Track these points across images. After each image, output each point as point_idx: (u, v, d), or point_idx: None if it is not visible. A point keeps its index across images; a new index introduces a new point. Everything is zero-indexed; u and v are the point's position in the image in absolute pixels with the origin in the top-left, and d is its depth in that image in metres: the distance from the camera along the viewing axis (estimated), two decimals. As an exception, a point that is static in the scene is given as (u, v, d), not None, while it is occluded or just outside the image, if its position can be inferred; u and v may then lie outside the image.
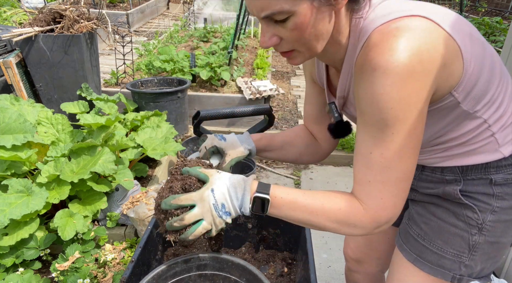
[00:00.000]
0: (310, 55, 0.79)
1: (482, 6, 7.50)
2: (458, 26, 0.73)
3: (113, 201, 2.14)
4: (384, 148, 0.71)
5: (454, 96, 0.76)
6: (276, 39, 0.75)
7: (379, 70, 0.67)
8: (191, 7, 7.17)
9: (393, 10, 0.72)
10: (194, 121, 1.34)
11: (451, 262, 0.91)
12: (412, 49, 0.66)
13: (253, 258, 1.55)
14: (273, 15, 0.69)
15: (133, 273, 1.07)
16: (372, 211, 0.75)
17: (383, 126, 0.70)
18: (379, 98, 0.68)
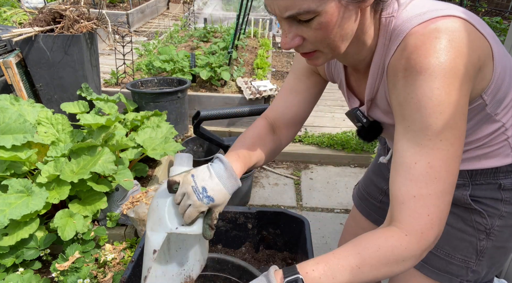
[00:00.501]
0: (333, 56, 0.75)
1: (482, 6, 7.51)
2: (485, 27, 0.71)
3: (113, 201, 2.14)
4: (432, 156, 0.66)
5: (483, 98, 0.73)
6: (299, 39, 0.70)
7: (425, 73, 0.63)
8: (191, 7, 7.17)
9: (427, 9, 0.68)
10: (194, 121, 1.34)
11: (459, 268, 0.90)
12: (456, 51, 0.63)
13: (253, 258, 1.55)
14: (299, 14, 0.65)
15: (133, 273, 1.07)
16: (418, 233, 0.67)
17: (432, 133, 0.65)
18: (427, 102, 0.64)
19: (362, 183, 1.31)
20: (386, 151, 1.12)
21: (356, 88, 0.91)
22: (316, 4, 0.63)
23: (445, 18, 0.66)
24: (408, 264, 0.69)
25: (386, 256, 0.68)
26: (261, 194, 2.80)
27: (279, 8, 0.66)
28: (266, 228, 1.54)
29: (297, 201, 2.73)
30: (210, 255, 1.06)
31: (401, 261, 0.68)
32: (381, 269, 0.69)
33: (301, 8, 0.63)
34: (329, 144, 3.27)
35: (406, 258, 0.68)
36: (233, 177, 0.85)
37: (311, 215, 2.57)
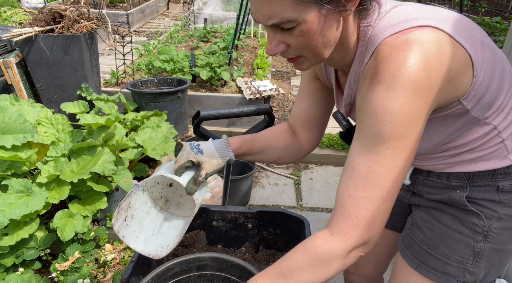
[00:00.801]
0: (317, 61, 0.78)
1: (482, 6, 7.50)
2: (469, 34, 0.71)
3: (113, 201, 2.14)
4: (375, 161, 0.68)
5: (463, 104, 0.74)
6: (283, 46, 0.74)
7: (384, 83, 0.66)
8: (191, 7, 7.17)
9: (402, 19, 0.70)
10: (194, 121, 1.33)
11: (456, 269, 0.90)
12: (420, 64, 0.64)
13: (253, 258, 1.55)
14: (281, 23, 0.68)
15: (133, 273, 1.07)
16: (342, 232, 0.69)
17: (378, 139, 0.67)
18: (379, 109, 0.66)
19: None
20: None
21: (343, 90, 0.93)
22: (297, 14, 0.66)
23: (418, 29, 0.67)
24: (336, 266, 0.70)
25: (311, 258, 0.70)
26: (261, 194, 2.80)
27: (263, 17, 0.69)
28: (266, 228, 1.54)
29: (297, 201, 2.73)
30: (210, 255, 1.06)
31: (326, 261, 0.70)
32: (310, 272, 0.70)
33: (283, 18, 0.67)
34: (329, 143, 3.27)
35: (331, 258, 0.70)
36: (225, 144, 0.96)
37: (311, 215, 2.57)
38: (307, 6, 0.66)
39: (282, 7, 0.65)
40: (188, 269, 1.05)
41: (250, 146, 1.02)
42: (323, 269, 0.70)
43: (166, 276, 1.01)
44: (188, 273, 1.05)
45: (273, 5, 0.66)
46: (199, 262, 1.05)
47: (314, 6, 0.66)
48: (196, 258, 1.05)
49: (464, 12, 3.22)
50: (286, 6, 0.65)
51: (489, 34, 4.97)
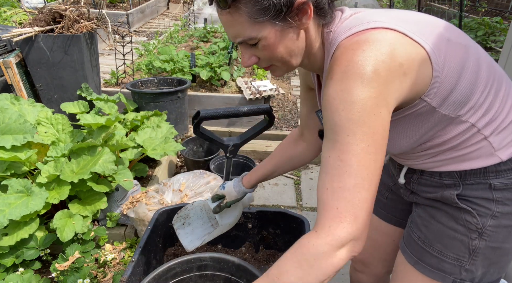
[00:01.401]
0: (287, 68, 0.87)
1: (482, 6, 7.50)
2: (430, 32, 0.75)
3: (113, 201, 2.14)
4: (341, 150, 0.70)
5: (426, 101, 0.77)
6: (255, 58, 0.84)
7: (335, 79, 0.71)
8: (191, 7, 7.16)
9: (357, 23, 0.76)
10: (194, 121, 1.33)
11: (451, 266, 0.91)
12: (367, 59, 0.69)
13: (253, 258, 1.55)
14: (245, 41, 0.79)
15: (133, 273, 1.07)
16: (325, 227, 0.68)
17: (339, 129, 0.70)
18: (332, 101, 0.71)
19: None
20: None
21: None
22: (255, 33, 0.77)
23: (369, 30, 0.73)
24: (324, 265, 0.68)
25: (297, 258, 0.70)
26: (261, 194, 2.80)
27: (231, 36, 0.81)
28: (266, 228, 1.54)
29: (297, 201, 2.73)
30: (210, 255, 1.06)
31: (313, 261, 0.68)
32: (298, 275, 0.69)
33: (245, 36, 0.78)
34: (329, 143, 3.27)
35: (317, 257, 0.68)
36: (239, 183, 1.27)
37: (311, 215, 2.57)
38: (262, 25, 0.76)
39: (242, 28, 0.77)
40: (189, 269, 1.05)
41: (261, 175, 1.25)
42: (311, 270, 0.69)
43: (167, 276, 1.01)
44: (188, 273, 1.05)
45: (235, 27, 0.77)
46: (200, 262, 1.05)
47: (268, 24, 0.76)
48: (196, 258, 1.05)
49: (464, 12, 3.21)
50: (245, 27, 0.76)
51: (489, 34, 4.96)
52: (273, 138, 3.41)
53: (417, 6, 4.85)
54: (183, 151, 2.91)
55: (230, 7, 0.75)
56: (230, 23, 0.78)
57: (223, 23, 0.80)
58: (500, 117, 0.82)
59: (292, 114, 3.87)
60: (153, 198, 2.08)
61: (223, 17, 0.78)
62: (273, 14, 0.74)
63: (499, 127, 0.82)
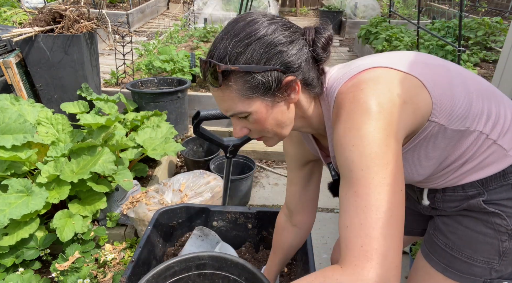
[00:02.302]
0: (279, 138, 0.90)
1: (482, 6, 7.50)
2: (410, 62, 0.81)
3: (113, 201, 2.14)
4: (357, 185, 0.67)
5: (435, 121, 0.79)
6: (246, 130, 0.87)
7: (341, 120, 0.74)
8: (191, 7, 7.17)
9: (347, 70, 0.82)
10: (194, 121, 1.33)
11: (482, 269, 0.91)
12: (368, 96, 0.72)
13: (253, 258, 1.55)
14: (235, 115, 0.83)
15: (133, 273, 1.07)
16: (351, 265, 0.63)
17: (351, 164, 0.70)
18: (342, 140, 0.72)
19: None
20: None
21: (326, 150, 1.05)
22: (245, 107, 0.80)
23: (362, 72, 0.79)
24: None
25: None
26: (261, 194, 2.80)
27: (223, 110, 0.84)
28: (266, 228, 1.54)
29: (297, 201, 2.73)
30: (209, 253, 1.06)
31: None
32: None
33: (236, 111, 0.81)
34: (329, 143, 3.27)
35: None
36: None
37: (311, 215, 2.57)
38: (252, 100, 0.79)
39: (232, 103, 0.80)
40: (188, 268, 1.05)
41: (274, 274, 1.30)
42: None
43: (166, 274, 1.01)
44: (187, 272, 1.05)
45: (226, 101, 0.81)
46: (199, 261, 1.05)
47: (258, 99, 0.79)
48: (195, 257, 1.05)
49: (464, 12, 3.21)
50: (235, 102, 0.80)
51: (489, 34, 4.96)
52: (273, 138, 3.41)
53: (417, 6, 4.85)
54: (183, 151, 2.91)
55: (221, 86, 0.79)
56: (221, 99, 0.82)
57: (215, 97, 0.84)
58: (501, 120, 0.84)
59: (292, 114, 3.87)
60: (153, 198, 2.08)
61: (215, 93, 0.83)
62: (262, 91, 0.78)
63: (503, 129, 0.84)
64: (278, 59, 0.77)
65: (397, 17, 6.25)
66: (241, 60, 0.76)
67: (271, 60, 0.77)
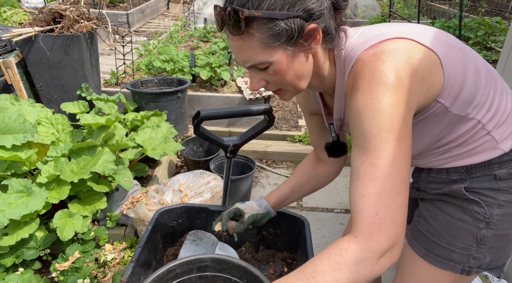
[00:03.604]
0: (296, 91, 0.89)
1: (482, 6, 7.50)
2: (434, 38, 0.80)
3: (113, 201, 2.14)
4: (374, 156, 0.72)
5: (441, 102, 0.81)
6: (263, 82, 0.86)
7: (361, 89, 0.74)
8: (191, 7, 7.16)
9: (368, 37, 0.81)
10: (194, 121, 1.33)
11: (460, 255, 0.94)
12: (388, 68, 0.73)
13: (253, 258, 1.55)
14: (255, 65, 0.81)
15: (133, 273, 1.07)
16: (366, 233, 0.69)
17: (370, 136, 0.72)
18: (361, 111, 0.74)
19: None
20: None
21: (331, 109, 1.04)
22: (267, 57, 0.78)
23: (383, 42, 0.77)
24: (362, 270, 0.68)
25: (336, 261, 0.69)
26: (261, 194, 2.80)
27: (241, 61, 0.82)
28: (266, 228, 1.54)
29: (297, 201, 2.73)
30: (211, 256, 1.06)
31: (352, 265, 0.69)
32: (335, 276, 0.69)
33: (256, 61, 0.80)
34: (329, 144, 3.27)
35: (356, 261, 0.69)
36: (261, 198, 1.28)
37: (311, 215, 2.57)
38: (274, 50, 0.78)
39: (253, 52, 0.78)
40: (189, 270, 1.05)
41: (281, 195, 1.25)
42: (348, 273, 0.69)
43: (167, 277, 1.01)
44: (189, 274, 1.05)
45: (246, 51, 0.79)
46: (200, 263, 1.05)
47: (279, 49, 0.78)
48: (197, 259, 1.04)
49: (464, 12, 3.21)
50: (256, 51, 0.78)
51: (489, 34, 4.97)
52: (273, 138, 3.41)
53: (417, 6, 4.85)
54: (183, 151, 2.91)
55: (243, 33, 0.75)
56: (241, 48, 0.79)
57: (233, 48, 0.81)
58: (500, 112, 0.86)
59: (292, 114, 3.87)
60: (153, 198, 2.08)
61: (234, 42, 0.79)
62: (285, 39, 0.76)
63: (499, 122, 0.86)
64: (301, 5, 0.75)
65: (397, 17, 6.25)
66: (264, 6, 0.74)
67: (294, 6, 0.75)
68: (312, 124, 1.18)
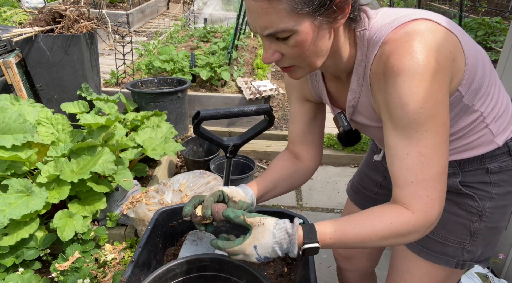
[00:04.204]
0: (309, 70, 0.82)
1: (482, 6, 7.49)
2: (452, 23, 0.78)
3: (113, 201, 2.14)
4: (421, 146, 0.73)
5: (459, 90, 0.79)
6: (278, 55, 0.78)
7: (402, 74, 0.71)
8: (191, 7, 7.17)
9: (394, 17, 0.76)
10: (194, 121, 1.33)
11: (454, 249, 0.95)
12: (426, 49, 0.70)
13: (253, 258, 1.55)
14: (276, 33, 0.72)
15: (133, 273, 1.07)
16: (422, 212, 0.75)
17: (417, 126, 0.72)
18: (408, 100, 0.71)
19: (357, 177, 1.35)
20: (379, 149, 1.17)
21: (338, 99, 0.98)
22: (292, 24, 0.70)
23: (411, 22, 0.74)
24: (412, 238, 0.78)
25: (397, 230, 0.76)
26: (261, 194, 2.79)
27: (259, 27, 0.73)
28: (266, 228, 1.54)
29: (297, 201, 2.73)
30: (210, 255, 1.06)
31: (407, 234, 0.77)
32: (389, 240, 0.78)
33: (278, 27, 0.71)
34: (329, 144, 3.27)
35: (412, 232, 0.77)
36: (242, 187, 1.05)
37: (311, 215, 2.57)
38: (301, 17, 0.70)
39: (278, 17, 0.69)
40: (189, 270, 1.05)
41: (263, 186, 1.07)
42: (401, 239, 0.78)
43: (167, 277, 1.01)
44: (188, 274, 1.05)
45: (270, 15, 0.69)
46: (200, 263, 1.05)
47: (307, 18, 0.70)
48: (196, 259, 1.04)
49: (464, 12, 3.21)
50: (281, 16, 0.69)
51: (489, 34, 4.97)
52: (273, 138, 3.41)
53: (417, 6, 4.85)
54: (183, 151, 2.91)
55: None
56: (265, 11, 0.69)
57: (252, 11, 0.71)
58: (498, 105, 0.87)
59: (292, 114, 3.87)
60: (153, 198, 2.08)
61: (257, 3, 0.69)
62: (315, 7, 0.69)
63: (497, 115, 0.87)
64: None
65: (397, 17, 6.24)
66: None
67: None
68: (301, 113, 1.07)
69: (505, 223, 0.96)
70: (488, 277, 1.75)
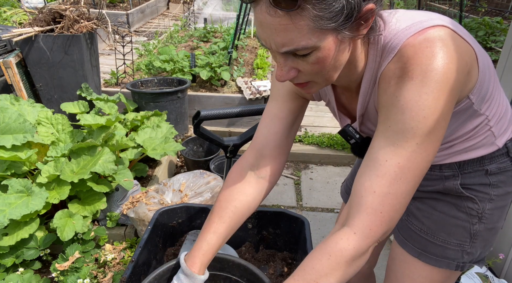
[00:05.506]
0: (325, 84, 0.76)
1: (482, 6, 7.50)
2: (465, 32, 0.74)
3: (113, 201, 2.14)
4: (403, 157, 0.67)
5: (470, 98, 0.76)
6: (295, 72, 0.71)
7: (417, 79, 0.65)
8: (191, 7, 7.17)
9: (411, 22, 0.71)
10: (194, 121, 1.33)
11: (455, 252, 0.95)
12: (447, 56, 0.65)
13: (253, 258, 1.55)
14: (296, 51, 0.65)
15: (133, 273, 1.07)
16: (366, 229, 0.69)
17: (410, 136, 0.67)
18: (413, 105, 0.66)
19: (350, 179, 1.35)
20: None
21: (348, 106, 0.93)
22: (314, 41, 0.63)
23: (431, 28, 0.68)
24: (359, 263, 0.72)
25: (337, 262, 0.70)
26: (261, 194, 2.79)
27: (276, 44, 0.65)
28: (266, 228, 1.54)
29: (297, 201, 2.73)
30: (210, 255, 1.06)
31: (351, 261, 0.70)
32: (337, 276, 0.70)
33: (299, 45, 0.64)
34: (329, 143, 3.27)
35: (355, 257, 0.70)
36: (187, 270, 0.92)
37: (311, 215, 2.57)
38: (324, 33, 0.63)
39: (299, 34, 0.62)
40: (189, 269, 1.05)
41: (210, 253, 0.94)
42: (349, 269, 0.71)
43: (168, 276, 1.01)
44: (188, 273, 1.05)
45: (289, 32, 0.62)
46: (200, 262, 1.05)
47: (331, 33, 0.63)
48: (196, 258, 1.04)
49: (464, 12, 3.21)
50: (303, 33, 0.62)
51: (489, 34, 4.97)
52: (273, 138, 3.41)
53: (417, 6, 4.85)
54: (183, 151, 2.91)
55: (299, 7, 0.58)
56: (284, 27, 0.61)
57: (268, 26, 0.63)
58: (500, 107, 0.86)
59: (292, 114, 3.86)
60: (153, 198, 2.08)
61: (276, 19, 0.61)
62: (342, 21, 0.61)
63: (499, 117, 0.86)
64: None
65: (397, 17, 6.24)
66: None
67: None
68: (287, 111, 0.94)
69: (502, 223, 0.97)
70: (488, 277, 1.75)
